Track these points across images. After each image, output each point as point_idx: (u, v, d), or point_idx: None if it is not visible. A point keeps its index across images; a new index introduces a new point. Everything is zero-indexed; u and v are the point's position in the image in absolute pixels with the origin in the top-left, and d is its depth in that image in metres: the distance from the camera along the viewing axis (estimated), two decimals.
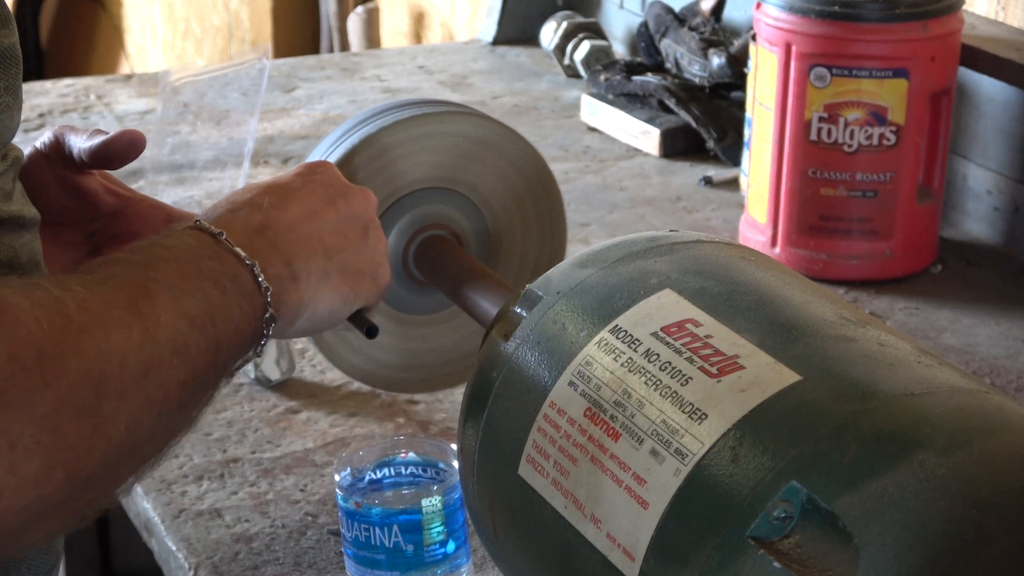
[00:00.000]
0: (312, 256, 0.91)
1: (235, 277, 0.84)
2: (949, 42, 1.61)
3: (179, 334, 0.78)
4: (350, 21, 3.23)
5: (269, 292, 0.85)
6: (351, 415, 1.39)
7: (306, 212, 0.92)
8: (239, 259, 0.85)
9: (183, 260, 0.82)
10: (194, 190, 1.93)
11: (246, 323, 0.84)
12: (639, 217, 1.87)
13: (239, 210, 0.89)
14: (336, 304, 0.93)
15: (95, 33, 4.47)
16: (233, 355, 0.84)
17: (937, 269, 1.70)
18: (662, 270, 0.93)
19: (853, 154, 1.61)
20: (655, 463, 0.82)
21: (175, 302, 0.79)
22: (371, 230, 0.96)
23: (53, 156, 1.00)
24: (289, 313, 0.89)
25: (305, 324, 0.92)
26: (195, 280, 0.81)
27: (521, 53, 2.49)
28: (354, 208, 0.95)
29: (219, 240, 0.85)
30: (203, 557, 1.19)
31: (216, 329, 0.81)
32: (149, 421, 0.77)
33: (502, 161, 1.26)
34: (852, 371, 0.82)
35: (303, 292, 0.89)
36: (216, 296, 0.82)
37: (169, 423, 0.79)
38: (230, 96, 1.95)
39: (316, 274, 0.91)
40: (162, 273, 0.80)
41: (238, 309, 0.83)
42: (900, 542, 0.72)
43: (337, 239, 0.93)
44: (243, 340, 0.84)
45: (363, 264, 0.95)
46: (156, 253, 0.82)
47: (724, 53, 2.01)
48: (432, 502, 1.07)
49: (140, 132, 1.00)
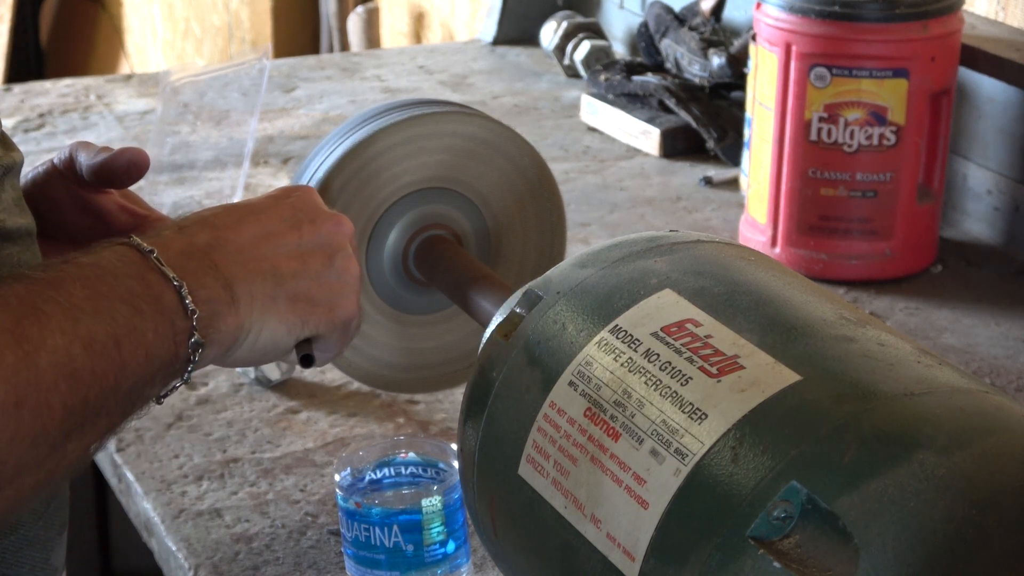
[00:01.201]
0: (258, 280, 0.86)
1: (156, 298, 0.80)
2: (949, 42, 1.61)
3: (70, 358, 0.74)
4: (350, 21, 3.23)
5: (196, 316, 0.81)
6: (351, 415, 1.39)
7: (262, 234, 0.88)
8: (165, 279, 0.80)
9: (95, 279, 0.78)
10: (194, 190, 1.93)
11: (163, 347, 0.80)
12: (639, 217, 1.87)
13: (188, 227, 0.85)
14: (280, 333, 0.88)
15: (95, 33, 4.47)
16: (147, 380, 0.80)
17: (937, 269, 1.70)
18: (662, 270, 0.93)
19: (853, 154, 1.61)
20: (655, 463, 0.82)
21: (71, 323, 0.75)
22: (338, 259, 0.91)
23: (67, 172, 0.98)
24: (225, 339, 0.84)
25: (246, 353, 0.87)
26: (103, 300, 0.77)
27: (521, 53, 2.49)
28: (321, 234, 0.91)
29: (147, 258, 0.81)
30: (203, 557, 1.19)
31: (121, 353, 0.77)
32: (21, 451, 0.73)
33: (502, 161, 1.26)
34: (852, 371, 0.82)
35: (243, 317, 0.85)
36: (126, 318, 0.78)
37: (52, 452, 0.75)
38: (230, 96, 1.95)
39: (261, 299, 0.86)
40: (65, 293, 0.76)
41: (153, 332, 0.79)
42: (900, 542, 0.72)
43: (294, 264, 0.88)
44: (160, 365, 0.80)
45: (318, 292, 0.90)
46: (66, 271, 0.78)
47: (724, 53, 2.01)
48: (432, 502, 1.07)
49: (141, 151, 0.97)
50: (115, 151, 0.97)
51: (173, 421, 1.38)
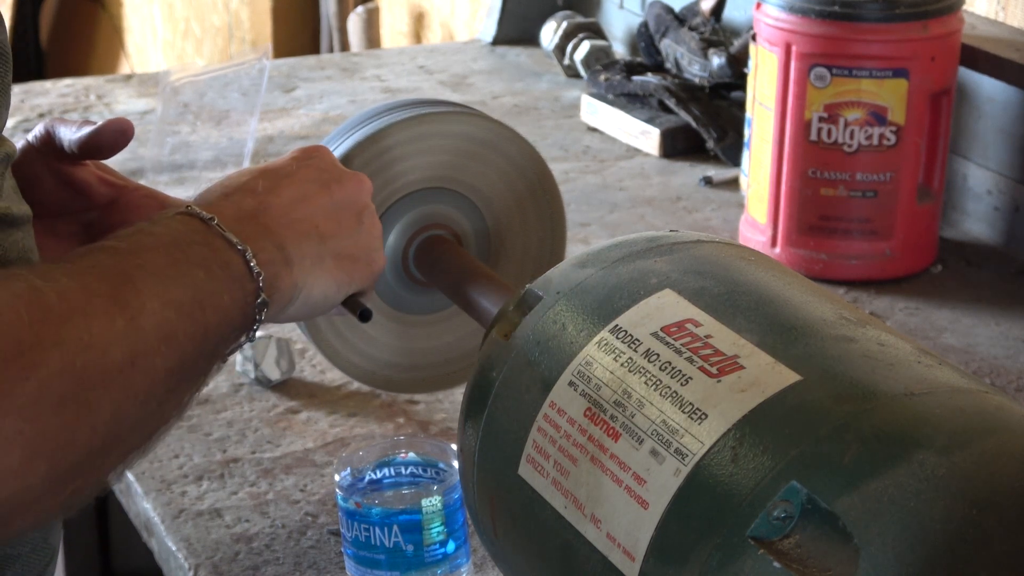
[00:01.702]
0: (306, 240, 0.91)
1: (225, 263, 0.84)
2: (949, 42, 1.61)
3: (166, 321, 0.78)
4: (350, 21, 3.23)
5: (261, 277, 0.85)
6: (351, 415, 1.39)
7: (300, 196, 0.92)
8: (230, 244, 0.84)
9: (170, 246, 0.81)
10: (194, 190, 1.91)
11: (236, 309, 0.84)
12: (639, 217, 1.87)
13: (232, 195, 0.89)
14: (330, 289, 0.93)
15: (95, 33, 4.47)
16: (224, 340, 0.84)
17: (937, 269, 1.70)
18: (662, 270, 0.93)
19: (853, 154, 1.61)
20: (655, 463, 0.82)
21: (161, 289, 0.78)
22: (365, 216, 0.96)
23: (45, 149, 0.99)
24: (282, 298, 0.88)
25: (299, 309, 0.92)
26: (183, 266, 0.81)
27: (521, 53, 2.49)
28: (348, 193, 0.95)
29: (209, 225, 0.84)
30: (203, 557, 1.19)
31: (205, 315, 0.80)
32: (135, 410, 0.76)
33: (502, 161, 1.26)
34: (852, 371, 0.82)
35: (296, 276, 0.89)
36: (204, 282, 0.81)
37: (157, 411, 0.79)
38: (230, 96, 1.95)
39: (310, 258, 0.91)
40: (148, 260, 0.79)
41: (228, 295, 0.83)
42: (900, 542, 0.72)
43: (331, 224, 0.93)
44: (234, 325, 0.84)
45: (357, 249, 0.95)
46: (142, 240, 0.81)
47: (724, 53, 2.01)
48: (432, 502, 1.07)
49: (128, 120, 0.99)
50: (101, 122, 0.99)
51: None
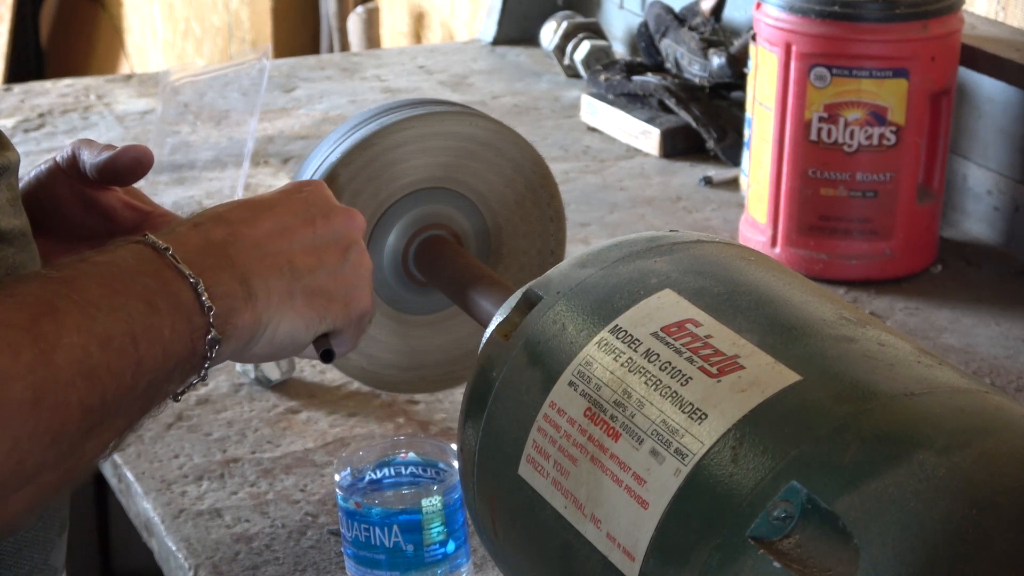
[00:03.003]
0: (275, 275, 0.86)
1: (173, 295, 0.80)
2: (949, 42, 1.61)
3: (87, 356, 0.74)
4: (350, 21, 3.23)
5: (212, 312, 0.81)
6: (351, 415, 1.39)
7: (277, 229, 0.88)
8: (182, 276, 0.80)
9: (110, 277, 0.78)
10: (194, 190, 1.93)
11: (180, 344, 0.80)
12: (639, 217, 1.87)
13: (203, 224, 0.85)
14: (298, 327, 0.88)
15: (95, 33, 4.47)
16: (164, 377, 0.80)
17: (937, 269, 1.70)
18: (662, 270, 0.93)
19: (853, 154, 1.61)
20: (655, 463, 0.82)
21: (88, 321, 0.75)
22: (352, 252, 0.92)
23: (70, 171, 0.98)
24: (242, 334, 0.84)
25: (264, 348, 0.88)
26: (119, 298, 0.77)
27: (521, 53, 2.49)
28: (335, 228, 0.91)
29: (163, 255, 0.81)
30: (203, 557, 1.19)
31: (138, 351, 0.77)
32: (40, 449, 0.72)
33: (502, 161, 1.26)
34: (852, 371, 0.82)
35: (260, 312, 0.85)
36: (143, 316, 0.78)
37: (72, 450, 0.75)
38: (230, 96, 1.95)
39: (277, 294, 0.86)
40: (80, 290, 0.76)
41: (170, 329, 0.79)
42: (900, 542, 0.72)
43: (309, 259, 0.89)
44: (177, 362, 0.80)
45: (335, 287, 0.90)
46: (82, 269, 0.78)
47: (724, 53, 2.01)
48: (432, 502, 1.07)
49: (145, 147, 0.96)
50: (119, 149, 0.97)
51: (173, 421, 1.38)
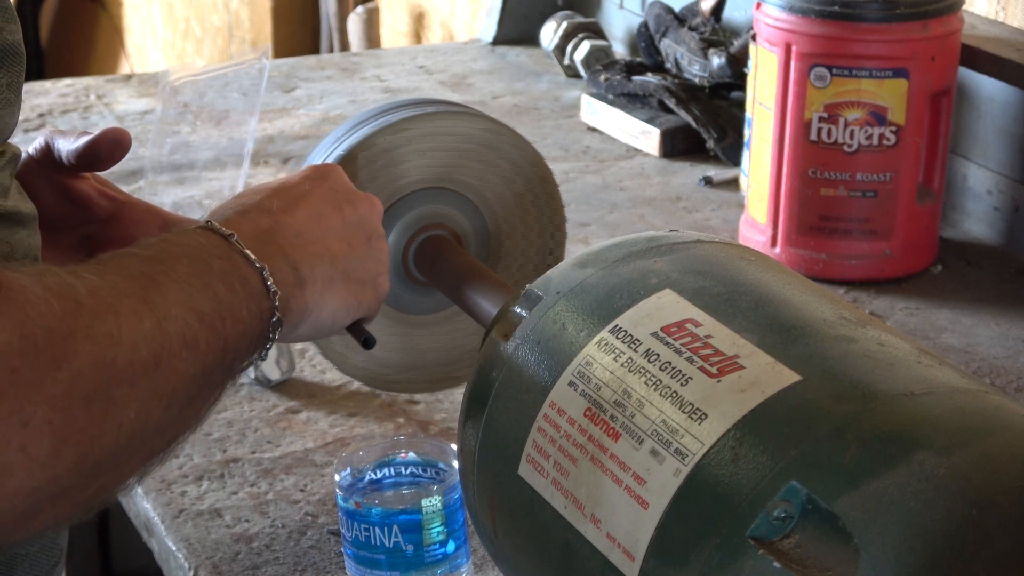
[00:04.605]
0: (318, 262, 0.91)
1: (245, 279, 0.84)
2: (949, 42, 1.61)
3: (189, 328, 0.78)
4: (350, 21, 3.23)
5: (277, 296, 0.85)
6: (351, 415, 1.39)
7: (313, 217, 0.92)
8: (249, 261, 0.85)
9: (194, 257, 0.82)
10: (194, 190, 1.93)
11: (254, 324, 0.84)
12: (639, 217, 1.87)
13: (248, 212, 0.90)
14: (339, 312, 0.93)
15: (95, 33, 4.47)
16: (240, 355, 0.84)
17: (937, 269, 1.70)
18: (662, 270, 0.93)
19: (853, 154, 1.61)
20: (655, 463, 0.82)
21: (185, 296, 0.79)
22: (374, 239, 0.96)
23: (44, 161, 0.99)
24: (294, 318, 0.89)
25: (307, 330, 0.92)
26: (205, 277, 0.81)
27: (521, 53, 2.49)
28: (360, 215, 0.95)
29: (229, 241, 0.85)
30: (203, 557, 1.19)
31: (225, 327, 0.81)
32: (158, 412, 0.76)
33: (502, 161, 1.26)
34: (852, 371, 0.82)
35: (308, 298, 0.90)
36: (226, 295, 0.82)
37: (178, 416, 0.79)
38: (230, 96, 1.95)
39: (321, 280, 0.91)
40: (172, 267, 0.80)
41: (246, 310, 0.83)
42: (900, 542, 0.72)
43: (342, 245, 0.93)
44: (250, 341, 0.84)
45: (365, 273, 0.95)
46: (167, 249, 0.82)
47: (724, 53, 2.01)
48: (432, 502, 1.07)
49: (124, 130, 0.99)
50: (98, 132, 0.98)
51: None
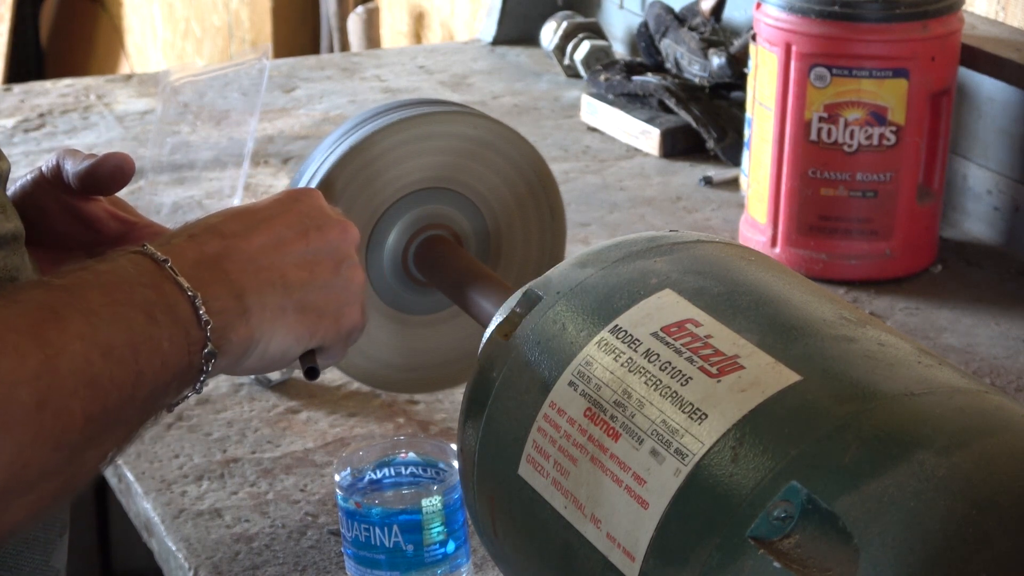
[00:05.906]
0: (268, 290, 0.85)
1: (171, 308, 0.79)
2: (949, 42, 1.61)
3: (89, 364, 0.74)
4: (350, 21, 3.23)
5: (210, 326, 0.80)
6: (351, 415, 1.39)
7: (271, 242, 0.87)
8: (181, 289, 0.80)
9: (112, 286, 0.78)
10: (194, 190, 1.93)
11: (178, 357, 0.79)
12: (639, 217, 1.87)
13: (199, 236, 0.84)
14: (289, 343, 0.87)
15: (95, 33, 4.47)
16: (160, 389, 0.79)
17: (937, 269, 1.70)
18: (662, 270, 0.93)
19: (853, 154, 1.61)
20: (655, 463, 0.82)
21: (90, 330, 0.74)
22: (344, 267, 0.90)
23: (54, 180, 0.96)
24: (236, 349, 0.83)
25: (255, 362, 0.86)
26: (121, 308, 0.77)
27: (521, 53, 2.49)
28: (329, 241, 0.89)
29: (162, 267, 0.80)
30: (203, 557, 1.19)
31: (139, 361, 0.76)
32: (43, 455, 0.72)
33: (502, 161, 1.26)
34: (852, 371, 0.82)
35: (253, 328, 0.84)
36: (143, 327, 0.77)
37: (73, 458, 0.74)
38: (230, 96, 1.95)
39: (271, 309, 0.85)
40: (83, 299, 0.76)
41: (168, 342, 0.78)
42: (900, 542, 0.72)
43: (302, 273, 0.87)
44: (174, 374, 0.79)
45: (326, 302, 0.89)
46: (84, 278, 0.78)
47: (724, 53, 2.01)
48: (432, 502, 1.07)
49: (127, 155, 0.95)
50: (99, 157, 0.95)
51: (173, 421, 1.38)
